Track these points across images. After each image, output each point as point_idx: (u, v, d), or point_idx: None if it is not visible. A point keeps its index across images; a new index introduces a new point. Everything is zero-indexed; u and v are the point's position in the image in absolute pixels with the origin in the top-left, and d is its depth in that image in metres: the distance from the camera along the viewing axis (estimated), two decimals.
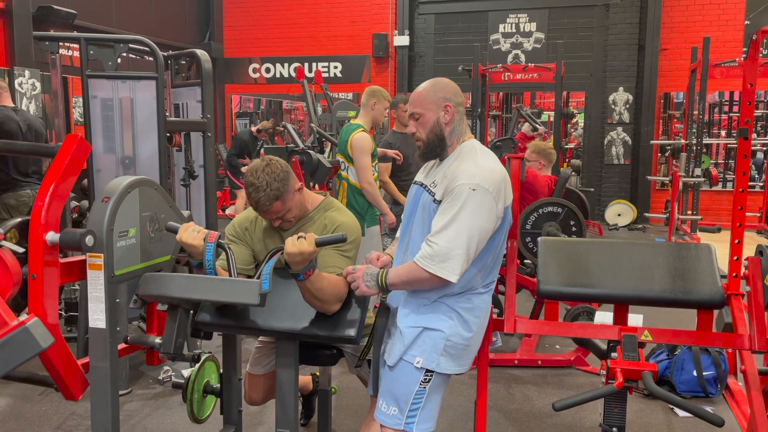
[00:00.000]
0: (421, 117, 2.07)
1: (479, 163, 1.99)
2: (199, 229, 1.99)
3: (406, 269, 2.00)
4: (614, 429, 2.16)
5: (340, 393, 3.54)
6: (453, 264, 1.90)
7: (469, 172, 1.95)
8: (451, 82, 2.13)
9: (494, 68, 8.66)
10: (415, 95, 2.10)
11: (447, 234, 1.91)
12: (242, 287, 1.86)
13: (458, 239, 1.90)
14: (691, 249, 2.43)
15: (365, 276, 2.04)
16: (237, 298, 1.89)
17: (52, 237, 1.77)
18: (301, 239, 1.88)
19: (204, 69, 3.94)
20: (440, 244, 1.91)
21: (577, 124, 10.80)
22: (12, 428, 3.18)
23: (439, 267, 1.91)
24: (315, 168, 4.37)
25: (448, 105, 2.06)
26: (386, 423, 2.05)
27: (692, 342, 2.36)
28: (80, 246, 1.75)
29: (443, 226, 1.92)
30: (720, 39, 9.52)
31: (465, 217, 1.91)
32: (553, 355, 4.14)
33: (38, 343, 1.64)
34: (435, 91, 2.07)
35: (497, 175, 1.98)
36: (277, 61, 11.82)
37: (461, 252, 1.90)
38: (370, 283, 2.04)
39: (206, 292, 1.89)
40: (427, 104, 2.06)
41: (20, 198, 4.43)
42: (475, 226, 1.92)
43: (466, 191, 1.91)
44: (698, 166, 8.08)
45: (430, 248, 1.92)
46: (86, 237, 1.76)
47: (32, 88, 7.83)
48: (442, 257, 1.90)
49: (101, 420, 1.94)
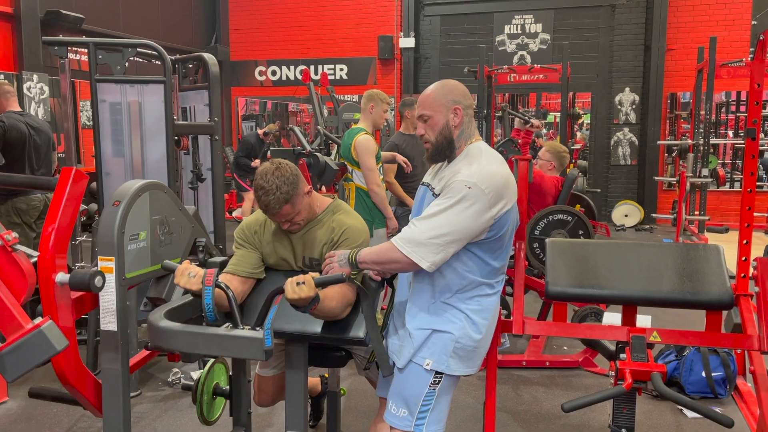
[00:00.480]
0: (430, 119, 2.07)
1: (482, 164, 2.00)
2: (195, 273, 1.95)
3: (379, 248, 2.03)
4: (623, 430, 2.16)
5: (348, 395, 3.55)
6: (426, 251, 1.92)
7: (470, 171, 1.96)
8: (460, 84, 2.13)
9: (500, 69, 8.65)
10: (424, 97, 2.10)
11: (431, 222, 1.93)
12: (246, 344, 1.80)
13: (439, 230, 1.92)
14: (700, 250, 2.43)
15: (340, 257, 2.09)
16: (242, 354, 1.86)
17: (62, 278, 1.80)
18: (301, 286, 1.86)
19: (211, 72, 3.97)
20: (420, 228, 1.94)
21: (583, 124, 10.78)
22: (23, 430, 3.20)
23: (413, 250, 1.93)
24: (322, 170, 4.38)
25: (457, 108, 2.06)
26: (396, 425, 2.05)
27: (701, 343, 2.36)
28: (89, 288, 1.77)
29: (429, 215, 1.95)
30: (727, 39, 9.49)
31: (453, 212, 1.92)
32: (561, 356, 4.14)
33: (53, 346, 1.66)
34: (444, 93, 2.07)
35: (498, 177, 1.98)
36: (283, 64, 11.85)
37: (438, 242, 1.92)
38: (342, 261, 2.08)
39: (210, 348, 1.83)
40: (437, 106, 2.06)
41: (31, 202, 4.46)
42: (460, 223, 1.92)
43: (461, 188, 1.93)
44: (706, 166, 8.05)
45: (410, 230, 1.96)
46: (95, 278, 1.78)
47: (40, 93, 7.89)
48: (418, 241, 1.93)
49: (113, 422, 1.96)
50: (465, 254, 2.01)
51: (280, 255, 2.32)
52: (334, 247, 2.23)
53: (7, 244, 1.75)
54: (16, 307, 1.70)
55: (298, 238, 2.30)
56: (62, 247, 1.81)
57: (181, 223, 2.21)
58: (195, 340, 1.82)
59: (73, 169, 1.86)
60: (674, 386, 3.63)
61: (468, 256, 2.01)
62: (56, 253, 1.78)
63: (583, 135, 10.79)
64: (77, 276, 1.77)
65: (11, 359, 1.66)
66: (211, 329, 1.83)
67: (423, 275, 2.05)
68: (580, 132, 10.84)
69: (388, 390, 2.19)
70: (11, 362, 1.66)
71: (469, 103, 2.11)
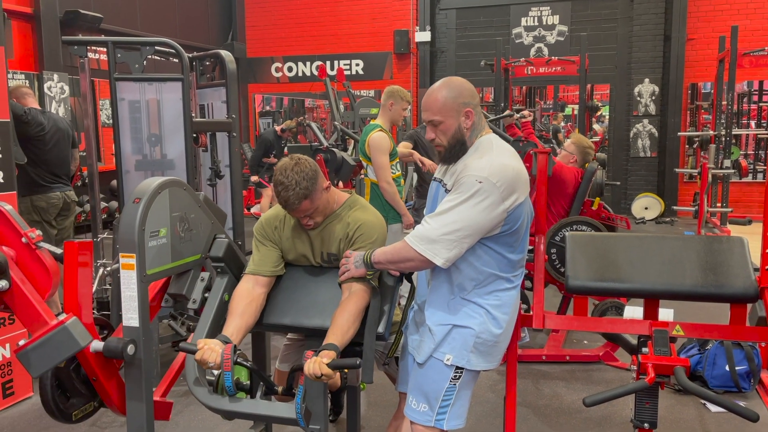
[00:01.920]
0: (441, 124, 2.03)
1: (492, 158, 1.98)
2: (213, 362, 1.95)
3: (393, 248, 2.04)
4: (646, 425, 2.13)
5: (368, 389, 3.55)
6: (440, 247, 1.92)
7: (480, 165, 1.94)
8: (465, 82, 2.07)
9: (517, 62, 8.60)
10: (432, 102, 2.03)
11: (443, 218, 1.93)
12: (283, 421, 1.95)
13: (451, 226, 1.91)
14: (723, 242, 2.39)
15: (355, 258, 2.11)
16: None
17: (96, 346, 1.86)
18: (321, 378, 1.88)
19: (228, 69, 3.98)
20: (433, 225, 1.93)
21: (602, 116, 10.67)
22: (48, 424, 3.25)
23: (426, 247, 1.93)
24: (340, 166, 4.39)
25: (468, 110, 2.02)
26: (416, 420, 2.05)
27: (725, 336, 2.32)
28: (122, 356, 1.84)
29: (441, 211, 1.94)
30: (748, 27, 9.33)
31: (465, 207, 1.91)
32: (581, 351, 4.11)
33: (77, 342, 1.69)
34: (454, 96, 2.01)
35: (510, 170, 1.96)
36: (299, 60, 11.88)
37: (452, 238, 1.91)
38: (358, 263, 2.09)
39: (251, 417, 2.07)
40: (447, 111, 2.01)
41: (50, 200, 4.52)
42: (472, 218, 1.91)
43: (472, 182, 1.91)
44: (728, 157, 7.93)
45: (422, 227, 1.96)
46: (128, 347, 1.85)
47: (61, 92, 7.98)
48: (431, 238, 1.92)
49: (136, 416, 1.98)
50: (480, 248, 2.00)
51: (299, 251, 2.33)
52: (350, 243, 2.23)
53: (31, 242, 1.78)
54: (41, 304, 1.73)
55: (316, 233, 2.30)
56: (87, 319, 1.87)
57: (200, 219, 2.22)
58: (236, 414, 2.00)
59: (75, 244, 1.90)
60: (697, 380, 3.59)
61: (483, 250, 2.00)
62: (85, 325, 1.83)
63: (603, 128, 10.68)
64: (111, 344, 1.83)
65: (36, 355, 1.69)
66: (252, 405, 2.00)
67: (441, 272, 2.04)
68: (598, 124, 10.73)
69: (407, 385, 2.19)
70: (36, 358, 1.69)
71: (477, 100, 2.07)
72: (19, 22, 7.65)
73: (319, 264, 2.34)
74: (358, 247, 2.19)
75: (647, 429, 2.13)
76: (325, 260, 2.32)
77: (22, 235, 1.78)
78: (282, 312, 2.23)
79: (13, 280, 1.72)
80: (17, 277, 1.73)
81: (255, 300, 2.19)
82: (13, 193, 3.42)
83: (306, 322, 2.17)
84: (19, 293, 1.72)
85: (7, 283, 1.71)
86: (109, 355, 1.84)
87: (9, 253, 1.76)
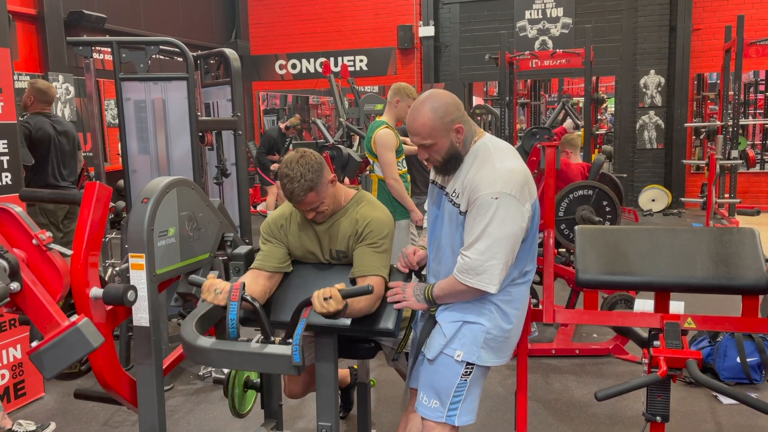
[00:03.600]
0: (433, 146, 2.00)
1: (495, 167, 1.95)
2: (221, 288, 1.95)
3: (447, 283, 2.03)
4: (658, 418, 2.12)
5: (378, 386, 3.56)
6: (489, 275, 1.91)
7: (488, 180, 1.92)
8: (448, 95, 2.03)
9: (521, 56, 8.55)
10: (420, 127, 1.98)
11: (478, 247, 1.91)
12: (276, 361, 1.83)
13: (490, 251, 1.90)
14: (734, 233, 2.37)
15: (415, 290, 2.10)
16: (273, 370, 1.93)
17: (96, 293, 1.84)
18: (329, 301, 1.89)
19: (233, 68, 3.98)
20: (473, 257, 1.92)
21: (607, 108, 10.62)
22: (60, 424, 3.27)
23: (476, 280, 1.92)
24: (346, 162, 4.39)
25: (458, 126, 1.99)
26: (427, 416, 2.05)
27: (738, 328, 2.31)
28: (122, 302, 1.81)
29: (474, 240, 1.92)
30: (754, 17, 9.26)
31: (494, 228, 1.89)
32: (591, 344, 4.10)
33: (89, 343, 1.69)
34: (441, 116, 1.97)
35: (518, 175, 1.95)
36: (303, 57, 11.86)
37: (496, 262, 1.91)
38: (420, 298, 2.09)
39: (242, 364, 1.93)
40: (437, 133, 1.98)
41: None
42: (506, 234, 1.90)
43: (488, 201, 1.89)
44: (735, 147, 7.87)
45: (464, 261, 1.94)
46: (128, 293, 1.82)
47: (66, 93, 8.00)
48: (477, 270, 1.92)
49: (148, 416, 1.99)
50: None
51: (306, 248, 2.32)
52: (359, 239, 2.22)
53: (41, 244, 1.78)
54: (53, 305, 1.73)
55: (324, 230, 2.30)
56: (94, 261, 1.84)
57: (208, 218, 2.22)
58: (226, 357, 1.86)
59: (97, 183, 1.89)
60: (708, 372, 3.57)
61: None
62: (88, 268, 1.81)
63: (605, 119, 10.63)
64: (111, 290, 1.81)
65: (49, 356, 1.69)
66: (242, 346, 1.85)
67: (451, 269, 2.03)
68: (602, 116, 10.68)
69: (418, 381, 2.19)
70: (49, 359, 1.69)
71: (462, 111, 2.03)
72: (23, 24, 7.66)
73: (327, 261, 2.34)
74: (369, 243, 2.18)
75: (659, 422, 2.12)
76: (333, 257, 2.31)
77: (33, 236, 1.78)
78: (290, 309, 2.22)
79: (25, 282, 1.73)
80: (28, 278, 1.74)
81: (259, 288, 2.18)
82: None
83: (315, 320, 2.16)
84: (30, 295, 1.72)
85: (19, 285, 1.72)
86: (109, 302, 1.82)
87: (20, 255, 1.76)
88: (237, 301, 1.92)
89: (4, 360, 3.38)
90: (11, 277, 1.71)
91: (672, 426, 3.00)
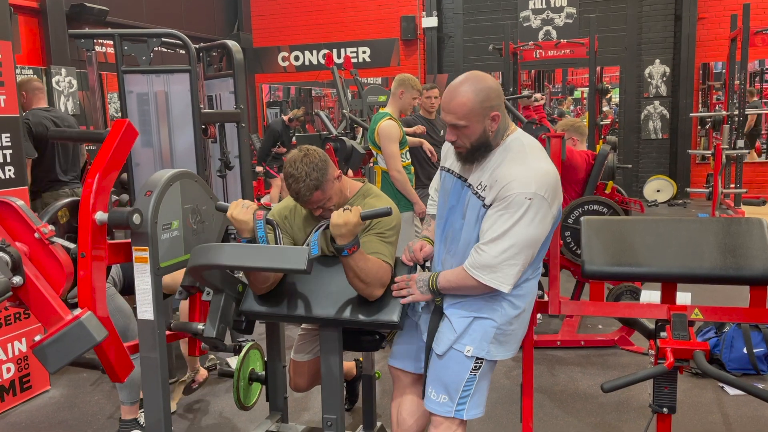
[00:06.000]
0: (465, 129, 1.90)
1: (531, 166, 1.89)
2: (248, 204, 2.03)
3: (455, 275, 1.97)
4: (665, 409, 2.11)
5: (383, 378, 3.55)
6: (504, 275, 1.87)
7: (524, 179, 1.85)
8: (491, 80, 1.93)
9: (525, 46, 8.50)
10: (458, 106, 1.88)
11: (500, 245, 1.85)
12: (291, 253, 1.87)
13: (511, 250, 1.85)
14: (742, 223, 2.35)
15: (418, 282, 2.06)
16: (286, 264, 1.89)
17: (101, 216, 1.81)
18: (347, 210, 1.91)
19: (236, 60, 3.96)
20: (491, 254, 1.86)
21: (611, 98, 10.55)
22: (66, 417, 3.28)
23: (490, 277, 1.88)
24: (349, 154, 4.37)
25: (496, 114, 1.90)
26: (436, 411, 2.04)
27: (746, 319, 2.29)
28: (128, 224, 1.80)
29: (496, 236, 1.86)
30: (760, 5, 9.18)
31: (520, 229, 1.84)
32: (596, 335, 4.09)
33: (93, 337, 1.68)
34: (481, 101, 1.87)
35: (551, 177, 1.90)
36: (306, 49, 11.82)
37: (514, 263, 1.86)
38: (423, 289, 2.05)
39: (255, 260, 1.90)
40: (473, 117, 1.88)
41: (58, 197, 4.52)
42: (530, 236, 1.86)
43: (522, 201, 1.83)
44: (741, 137, 7.82)
45: (480, 257, 1.88)
46: (133, 215, 1.81)
47: (69, 86, 7.99)
48: (492, 267, 1.87)
49: (154, 408, 1.98)
50: None
51: None
52: (366, 229, 2.20)
53: (44, 237, 1.77)
54: (56, 299, 1.72)
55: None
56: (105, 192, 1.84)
57: (212, 211, 2.21)
58: (241, 253, 1.92)
59: (126, 121, 1.88)
60: (714, 363, 3.56)
61: None
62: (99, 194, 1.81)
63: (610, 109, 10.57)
64: (116, 213, 1.80)
65: (52, 350, 1.68)
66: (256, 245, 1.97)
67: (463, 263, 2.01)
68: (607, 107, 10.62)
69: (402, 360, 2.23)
70: (52, 353, 1.69)
71: (503, 100, 1.95)
72: (25, 17, 7.65)
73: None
74: (376, 233, 2.17)
75: (666, 414, 2.11)
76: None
77: (35, 230, 1.77)
78: (295, 302, 2.22)
79: (27, 276, 1.72)
80: (31, 272, 1.73)
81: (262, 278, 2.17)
82: (24, 188, 3.43)
83: (320, 312, 2.16)
84: (33, 289, 1.71)
85: (21, 279, 1.71)
86: (114, 224, 1.82)
87: (22, 248, 1.75)
88: (262, 220, 1.99)
89: (10, 353, 3.39)
90: (13, 271, 1.70)
91: (678, 417, 2.98)
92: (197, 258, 1.95)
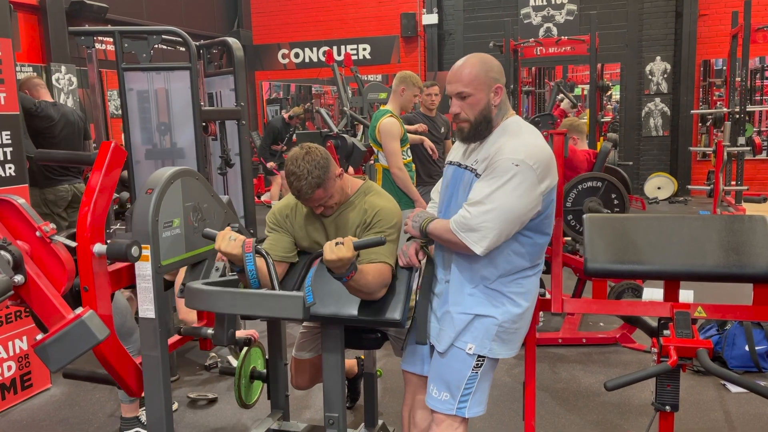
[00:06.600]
0: (470, 97, 1.96)
1: (526, 140, 1.94)
2: (235, 237, 1.94)
3: (442, 226, 2.00)
4: (667, 407, 2.11)
5: (385, 375, 3.55)
6: (480, 236, 1.89)
7: (515, 147, 1.90)
8: (495, 59, 2.03)
9: (526, 43, 8.48)
10: (464, 74, 1.96)
11: (482, 207, 1.88)
12: (287, 302, 1.82)
13: (491, 214, 1.87)
14: (745, 221, 2.34)
15: (415, 217, 2.10)
16: (283, 313, 1.89)
17: (99, 249, 1.80)
18: (339, 246, 1.84)
19: (236, 57, 3.95)
20: (473, 214, 1.89)
21: (611, 96, 10.54)
22: (67, 416, 3.27)
23: (467, 235, 1.90)
24: (350, 152, 4.36)
25: (499, 87, 1.98)
26: (438, 408, 2.04)
27: (749, 317, 2.28)
28: (126, 257, 1.78)
29: (481, 198, 1.89)
30: (761, 2, 9.16)
31: (504, 193, 1.86)
32: (598, 333, 4.09)
33: (94, 335, 1.68)
34: (486, 70, 1.96)
35: (545, 153, 1.93)
36: (306, 46, 11.80)
37: (492, 227, 1.87)
38: (416, 225, 2.08)
39: (250, 308, 1.87)
40: (478, 84, 1.95)
41: (58, 193, 4.53)
42: (512, 204, 1.87)
43: (508, 166, 1.86)
44: (742, 134, 7.81)
45: (463, 216, 1.92)
46: (132, 248, 1.79)
47: (69, 84, 7.98)
48: (472, 227, 1.89)
49: (155, 406, 1.98)
50: (521, 238, 1.97)
51: (313, 239, 2.30)
52: (367, 229, 2.20)
53: (45, 235, 1.76)
54: (57, 298, 1.72)
55: (331, 221, 2.27)
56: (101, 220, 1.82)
57: (213, 208, 2.20)
58: (236, 301, 1.86)
59: (112, 142, 1.87)
60: (717, 361, 3.56)
61: (522, 240, 1.98)
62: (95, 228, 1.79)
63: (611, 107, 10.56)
64: (114, 246, 1.78)
65: (54, 349, 1.68)
66: (252, 290, 1.89)
67: (465, 260, 2.00)
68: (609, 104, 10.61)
69: (413, 364, 2.21)
70: (54, 352, 1.68)
71: (505, 79, 2.03)
72: (25, 14, 7.63)
73: None
74: (377, 232, 2.16)
75: (669, 411, 2.10)
76: None
77: (36, 228, 1.76)
78: None
79: (29, 275, 1.71)
80: (32, 271, 1.72)
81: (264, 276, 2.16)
82: (25, 186, 3.42)
83: (322, 311, 2.15)
84: (35, 287, 1.71)
85: (23, 278, 1.70)
86: (113, 257, 1.80)
87: (24, 247, 1.75)
88: (251, 252, 1.92)
89: (11, 351, 3.38)
90: (15, 270, 1.69)
91: (680, 415, 2.98)
92: (194, 302, 1.91)
